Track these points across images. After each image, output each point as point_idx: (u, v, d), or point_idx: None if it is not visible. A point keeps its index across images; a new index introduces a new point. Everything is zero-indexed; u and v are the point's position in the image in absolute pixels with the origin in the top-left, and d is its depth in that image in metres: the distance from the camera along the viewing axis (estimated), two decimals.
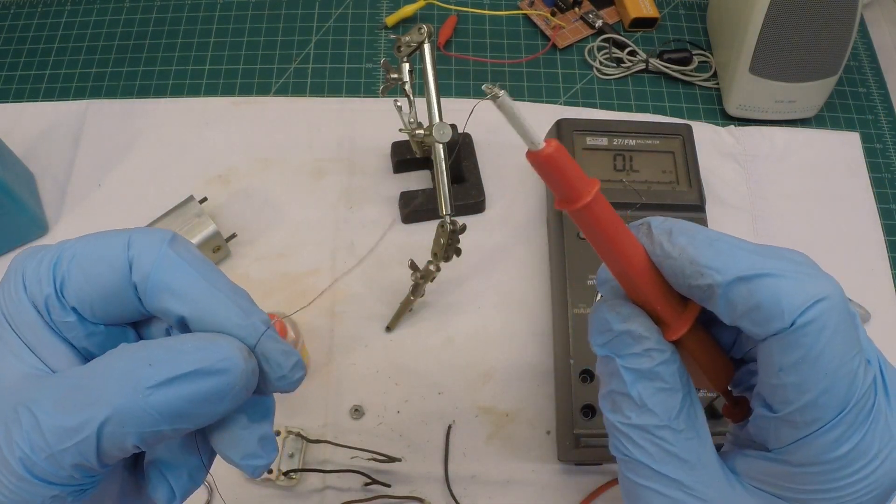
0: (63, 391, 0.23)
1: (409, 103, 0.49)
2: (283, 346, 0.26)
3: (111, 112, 0.62)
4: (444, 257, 0.49)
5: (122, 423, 0.23)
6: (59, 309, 0.25)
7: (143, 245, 0.25)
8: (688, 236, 0.26)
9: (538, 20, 0.68)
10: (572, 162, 0.24)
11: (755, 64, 0.59)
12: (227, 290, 0.25)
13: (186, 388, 0.23)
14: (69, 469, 0.23)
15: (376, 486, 0.48)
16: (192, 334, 0.25)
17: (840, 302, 0.25)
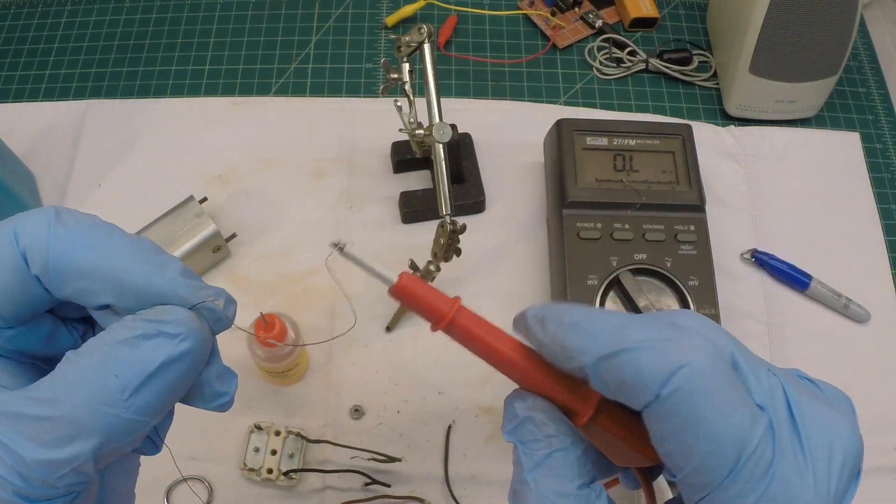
0: (33, 425, 0.22)
1: (409, 103, 0.49)
2: (196, 283, 0.25)
3: (111, 112, 0.62)
4: (444, 257, 0.49)
5: (113, 439, 0.23)
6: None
7: (31, 233, 0.23)
8: (557, 321, 0.26)
9: (538, 20, 0.68)
10: (427, 287, 0.26)
11: (755, 64, 0.59)
12: (130, 251, 0.24)
13: (160, 381, 0.23)
14: (66, 487, 0.23)
15: (376, 486, 0.48)
16: (136, 319, 0.24)
17: (706, 363, 0.24)
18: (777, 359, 0.53)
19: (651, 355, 0.24)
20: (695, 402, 0.23)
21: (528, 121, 0.62)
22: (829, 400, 0.26)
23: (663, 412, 0.24)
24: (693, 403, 0.23)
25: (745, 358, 0.25)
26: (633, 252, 0.51)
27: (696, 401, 0.23)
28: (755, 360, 0.26)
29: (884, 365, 0.54)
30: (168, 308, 0.24)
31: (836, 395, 0.26)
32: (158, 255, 0.24)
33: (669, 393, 0.24)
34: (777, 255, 0.56)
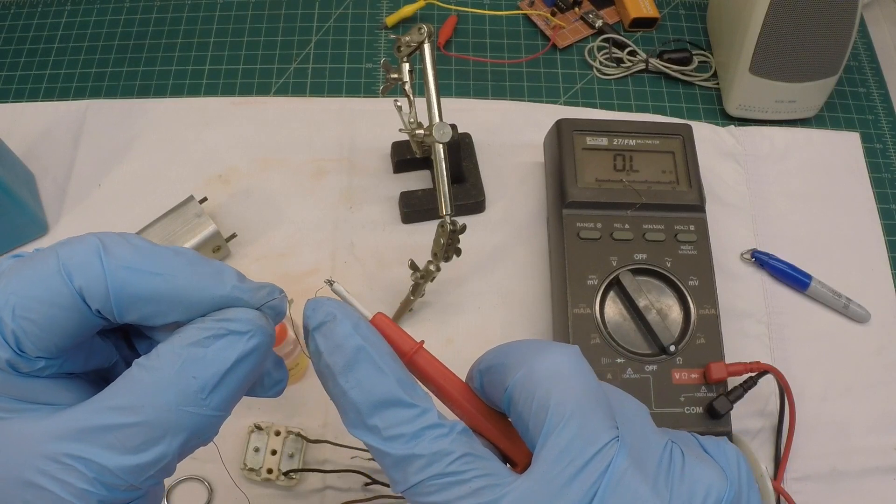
0: (114, 435, 0.23)
1: (409, 103, 0.49)
2: (257, 284, 0.26)
3: (111, 112, 0.62)
4: (444, 257, 0.49)
5: (196, 436, 0.24)
6: (24, 364, 0.23)
7: (84, 270, 0.23)
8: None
9: (538, 20, 0.68)
10: (395, 329, 0.29)
11: (755, 64, 0.59)
12: (187, 269, 0.24)
13: (235, 377, 0.24)
14: (149, 483, 0.24)
15: (376, 486, 0.48)
16: (204, 322, 0.25)
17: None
18: (777, 359, 0.53)
19: (393, 464, 0.26)
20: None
21: (528, 121, 0.62)
22: (673, 481, 0.25)
23: None
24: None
25: (581, 428, 0.25)
26: (633, 252, 0.51)
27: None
28: (594, 433, 0.26)
29: (884, 365, 0.54)
30: (233, 310, 0.25)
31: (701, 473, 0.26)
32: (210, 266, 0.25)
33: (410, 498, 0.25)
34: (777, 255, 0.56)
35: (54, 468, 0.23)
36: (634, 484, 0.24)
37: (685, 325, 0.49)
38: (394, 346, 0.28)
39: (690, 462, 0.26)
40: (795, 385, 0.50)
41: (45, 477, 0.23)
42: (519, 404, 0.26)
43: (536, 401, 0.25)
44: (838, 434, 0.51)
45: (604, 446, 0.25)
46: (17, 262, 0.24)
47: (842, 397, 0.52)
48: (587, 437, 0.25)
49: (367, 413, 0.26)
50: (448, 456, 0.25)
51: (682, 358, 0.48)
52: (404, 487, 0.25)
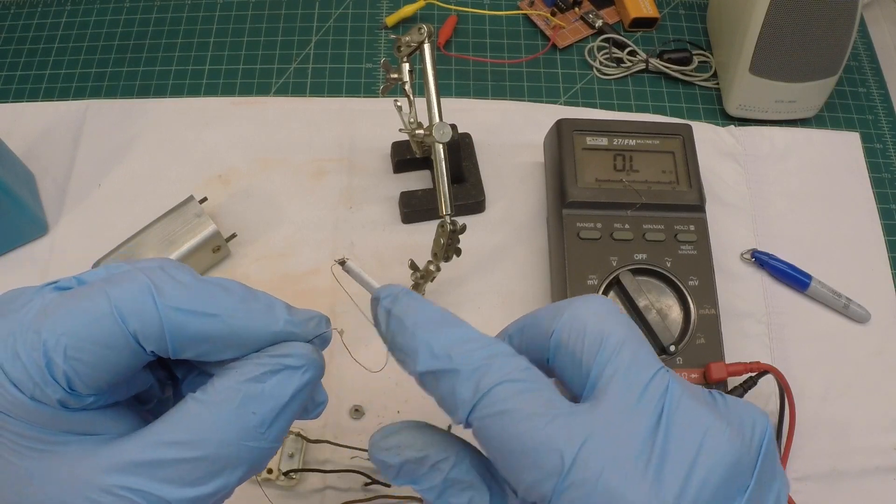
0: (174, 469, 0.23)
1: (409, 103, 0.49)
2: (306, 315, 0.27)
3: (111, 112, 0.62)
4: (444, 257, 0.49)
5: (254, 468, 0.25)
6: (75, 401, 0.24)
7: (137, 313, 0.23)
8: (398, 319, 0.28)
9: (538, 20, 0.68)
10: None
11: (755, 64, 0.59)
12: (239, 307, 0.25)
13: (290, 410, 0.25)
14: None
15: (376, 486, 0.48)
16: (260, 358, 0.25)
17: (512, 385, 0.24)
18: (777, 359, 0.53)
19: (464, 379, 0.25)
20: (505, 423, 0.24)
21: (528, 121, 0.62)
22: (720, 410, 0.25)
23: (482, 437, 0.25)
24: (503, 425, 0.24)
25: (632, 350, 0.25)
26: (633, 252, 0.51)
27: (506, 422, 0.24)
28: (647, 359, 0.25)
29: (884, 365, 0.54)
30: (288, 344, 0.26)
31: (740, 409, 0.26)
32: (260, 301, 0.26)
33: (479, 419, 0.24)
34: (777, 255, 0.56)
35: (109, 500, 0.23)
36: (694, 406, 0.24)
37: (685, 325, 0.49)
38: None
39: (731, 399, 0.26)
40: (795, 385, 0.50)
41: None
42: (569, 343, 0.26)
43: (588, 334, 0.25)
44: (838, 434, 0.51)
45: (657, 372, 0.25)
46: (63, 298, 0.24)
47: (842, 397, 0.52)
48: (642, 363, 0.25)
49: (440, 344, 0.26)
50: (519, 363, 0.25)
51: (682, 358, 0.48)
52: (476, 398, 0.24)
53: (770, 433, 0.25)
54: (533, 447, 0.23)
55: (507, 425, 0.24)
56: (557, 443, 0.23)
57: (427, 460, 0.26)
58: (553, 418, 0.24)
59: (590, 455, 0.23)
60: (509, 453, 0.24)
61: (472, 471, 0.26)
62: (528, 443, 0.23)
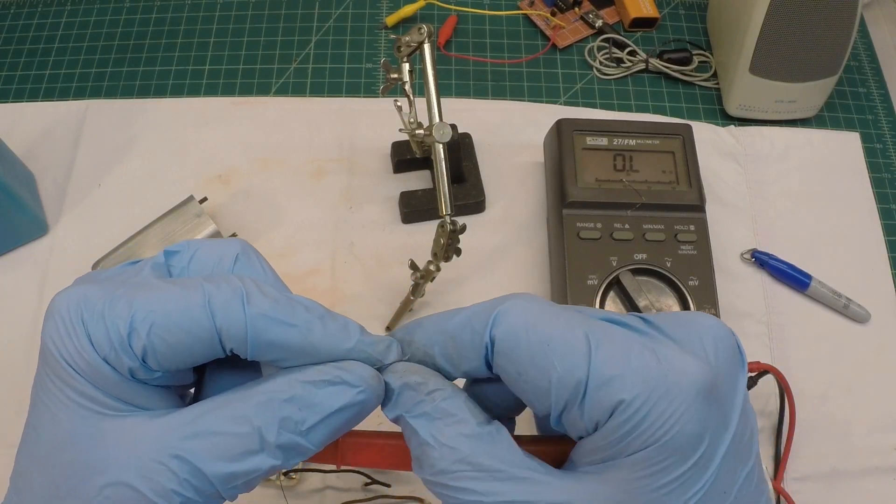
0: (215, 440, 0.24)
1: (409, 103, 0.49)
2: (378, 338, 0.28)
3: (111, 112, 0.62)
4: (444, 257, 0.49)
5: (287, 461, 0.25)
6: (144, 374, 0.25)
7: (226, 312, 0.25)
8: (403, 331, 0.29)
9: (538, 20, 0.68)
10: None
11: (755, 64, 0.59)
12: (317, 322, 0.26)
13: (336, 420, 0.26)
14: (227, 495, 0.25)
15: (376, 486, 0.48)
16: (328, 366, 0.26)
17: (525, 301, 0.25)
18: (777, 359, 0.53)
19: (479, 312, 0.26)
20: (528, 332, 0.25)
21: (528, 121, 0.62)
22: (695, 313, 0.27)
23: (506, 350, 0.25)
24: (527, 327, 0.25)
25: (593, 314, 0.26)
26: (633, 252, 0.51)
27: (529, 331, 0.25)
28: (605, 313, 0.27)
29: (884, 365, 0.54)
30: (354, 363, 0.26)
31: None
32: (337, 321, 0.27)
33: (502, 330, 0.25)
34: (777, 255, 0.56)
35: (153, 468, 0.24)
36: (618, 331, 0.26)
37: None
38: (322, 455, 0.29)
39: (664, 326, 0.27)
40: (795, 385, 0.50)
41: (139, 477, 0.24)
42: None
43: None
44: (838, 434, 0.51)
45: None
46: (161, 281, 0.26)
47: (842, 397, 0.52)
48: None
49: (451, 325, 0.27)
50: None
51: None
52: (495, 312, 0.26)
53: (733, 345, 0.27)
54: (560, 334, 0.24)
55: (529, 324, 0.25)
56: (581, 327, 0.24)
57: (423, 387, 0.27)
58: (573, 318, 0.25)
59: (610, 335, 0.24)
60: (537, 347, 0.24)
61: (462, 406, 0.26)
62: (554, 332, 0.24)
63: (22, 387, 0.50)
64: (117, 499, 0.24)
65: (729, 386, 0.25)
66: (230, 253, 0.28)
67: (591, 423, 0.24)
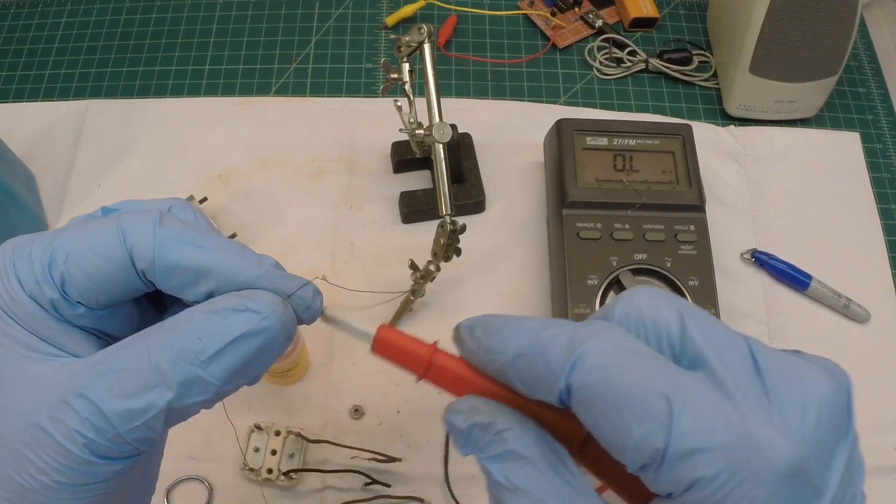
0: (118, 375, 0.24)
1: (409, 103, 0.49)
2: (294, 277, 0.27)
3: (111, 112, 0.62)
4: (444, 257, 0.49)
5: (187, 396, 0.24)
6: (66, 307, 0.25)
7: (137, 230, 0.25)
8: (483, 328, 0.26)
9: (538, 20, 0.68)
10: (403, 336, 0.28)
11: (755, 64, 0.59)
12: (229, 247, 0.26)
13: (238, 351, 0.25)
14: (133, 443, 0.24)
15: (376, 486, 0.48)
16: (227, 296, 0.26)
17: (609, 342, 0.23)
18: None
19: (558, 345, 0.24)
20: (606, 376, 0.23)
21: (528, 121, 0.62)
22: (806, 358, 0.25)
23: (582, 399, 0.23)
24: (606, 381, 0.23)
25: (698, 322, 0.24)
26: (633, 252, 0.51)
27: (609, 378, 0.23)
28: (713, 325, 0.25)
29: (884, 365, 0.54)
30: (257, 291, 0.26)
31: (820, 360, 0.26)
32: (252, 252, 0.27)
33: (579, 379, 0.23)
34: (777, 255, 0.56)
35: (60, 408, 0.24)
36: (777, 353, 0.24)
37: None
38: (407, 354, 0.27)
39: (807, 354, 0.26)
40: None
41: (49, 418, 0.24)
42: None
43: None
44: None
45: (729, 329, 0.24)
46: (84, 219, 0.27)
47: None
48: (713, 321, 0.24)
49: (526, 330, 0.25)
50: (612, 325, 0.24)
51: None
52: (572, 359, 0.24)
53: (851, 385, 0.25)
54: (639, 395, 0.22)
55: (608, 378, 0.23)
56: (664, 389, 0.22)
57: (492, 427, 0.26)
58: (657, 369, 0.23)
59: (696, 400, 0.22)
60: (614, 408, 0.23)
61: (533, 447, 0.25)
62: (633, 392, 0.22)
63: None
64: (32, 441, 0.24)
65: (824, 457, 0.23)
66: (164, 206, 0.28)
67: (665, 491, 0.23)
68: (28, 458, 0.24)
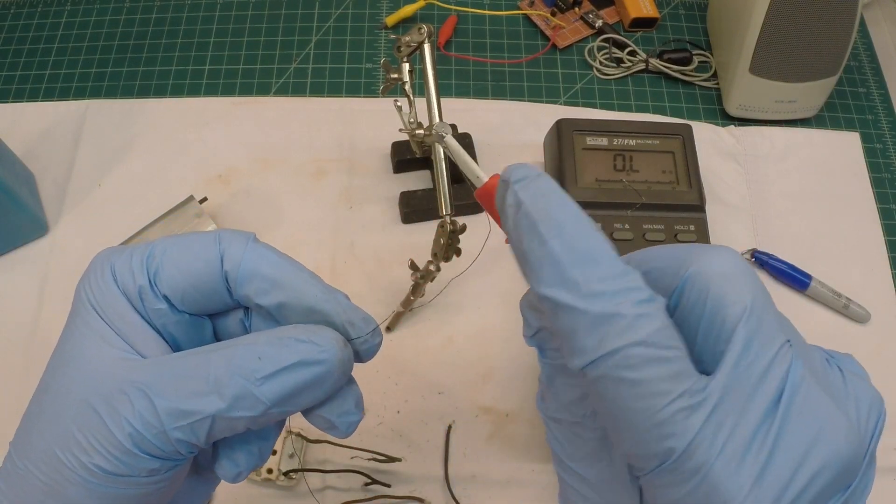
0: (177, 377, 0.25)
1: (409, 103, 0.49)
2: (363, 314, 0.29)
3: (111, 112, 0.62)
4: (444, 257, 0.49)
5: (236, 410, 0.25)
6: (152, 297, 0.27)
7: (231, 240, 0.28)
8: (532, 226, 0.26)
9: (538, 20, 0.68)
10: None
11: (755, 64, 0.59)
12: (304, 270, 0.29)
13: (292, 377, 0.26)
14: (175, 444, 0.25)
15: (376, 486, 0.48)
16: (292, 326, 0.27)
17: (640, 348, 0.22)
18: None
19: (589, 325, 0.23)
20: (622, 392, 0.22)
21: (528, 121, 0.62)
22: (840, 391, 0.24)
23: (593, 390, 0.23)
24: (620, 393, 0.22)
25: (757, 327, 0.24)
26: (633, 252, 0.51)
27: (624, 391, 0.22)
28: (770, 333, 0.24)
29: (884, 365, 0.54)
30: (321, 327, 0.27)
31: (859, 389, 0.25)
32: (324, 282, 0.29)
33: (596, 375, 0.23)
34: (777, 255, 0.56)
35: (115, 396, 0.25)
36: (814, 392, 0.23)
37: None
38: None
39: (850, 378, 0.25)
40: None
41: (103, 403, 0.25)
42: (690, 306, 0.24)
43: (711, 299, 0.24)
44: None
45: (780, 348, 0.23)
46: None
47: None
48: (764, 338, 0.23)
49: (569, 264, 0.23)
50: (653, 322, 0.23)
51: None
52: (597, 354, 0.22)
53: (884, 420, 0.24)
54: (645, 428, 0.22)
55: (624, 395, 0.22)
56: (671, 429, 0.22)
57: None
58: (671, 401, 0.22)
59: (698, 446, 0.22)
60: (620, 421, 0.23)
61: None
62: (641, 422, 0.22)
63: (22, 386, 0.50)
64: (82, 421, 0.25)
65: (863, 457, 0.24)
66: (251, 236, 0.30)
67: None
68: (74, 437, 0.25)
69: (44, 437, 0.26)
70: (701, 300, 0.24)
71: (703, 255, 0.25)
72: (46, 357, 0.28)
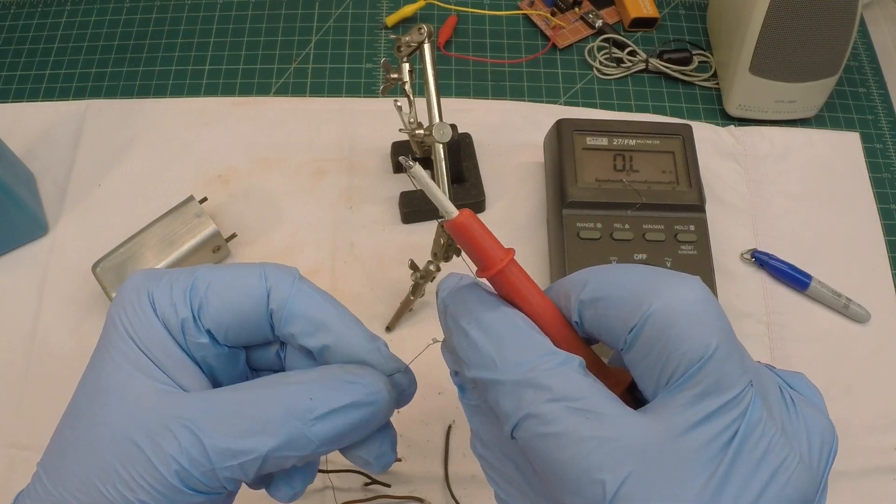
0: (224, 415, 0.25)
1: (409, 103, 0.49)
2: (402, 364, 0.30)
3: (111, 112, 0.62)
4: (444, 257, 0.49)
5: (287, 450, 0.26)
6: (194, 331, 0.27)
7: (278, 277, 0.28)
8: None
9: (538, 20, 0.68)
10: (484, 230, 0.27)
11: (755, 64, 0.59)
12: (350, 316, 0.29)
13: (343, 418, 0.26)
14: (222, 481, 0.25)
15: (376, 486, 0.48)
16: (337, 366, 0.28)
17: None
18: (777, 359, 0.53)
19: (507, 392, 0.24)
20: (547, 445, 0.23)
21: (528, 121, 0.62)
22: (793, 425, 0.25)
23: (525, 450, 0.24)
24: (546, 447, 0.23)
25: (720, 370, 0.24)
26: (633, 252, 0.51)
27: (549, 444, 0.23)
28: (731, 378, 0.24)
29: (884, 365, 0.54)
30: (367, 368, 0.28)
31: (811, 421, 0.25)
32: (369, 331, 0.30)
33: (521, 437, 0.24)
34: (777, 255, 0.56)
35: (159, 432, 0.25)
36: (767, 432, 0.23)
37: None
38: (479, 251, 0.27)
39: (801, 409, 0.25)
40: None
41: (146, 438, 0.25)
42: (649, 342, 0.24)
43: (673, 340, 0.23)
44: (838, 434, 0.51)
45: (739, 393, 0.23)
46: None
47: (841, 397, 0.52)
48: (725, 382, 0.23)
49: (486, 347, 0.25)
50: (566, 379, 0.24)
51: None
52: (518, 416, 0.24)
53: (836, 451, 0.25)
54: (575, 475, 0.22)
55: (549, 448, 0.23)
56: (601, 472, 0.22)
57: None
58: (600, 444, 0.22)
59: (636, 488, 0.21)
60: (552, 475, 0.23)
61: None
62: (570, 471, 0.22)
63: (22, 387, 0.50)
64: (124, 456, 0.25)
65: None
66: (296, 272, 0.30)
67: None
68: (117, 471, 0.25)
69: (81, 466, 0.25)
70: (662, 340, 0.23)
71: (667, 289, 0.24)
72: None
